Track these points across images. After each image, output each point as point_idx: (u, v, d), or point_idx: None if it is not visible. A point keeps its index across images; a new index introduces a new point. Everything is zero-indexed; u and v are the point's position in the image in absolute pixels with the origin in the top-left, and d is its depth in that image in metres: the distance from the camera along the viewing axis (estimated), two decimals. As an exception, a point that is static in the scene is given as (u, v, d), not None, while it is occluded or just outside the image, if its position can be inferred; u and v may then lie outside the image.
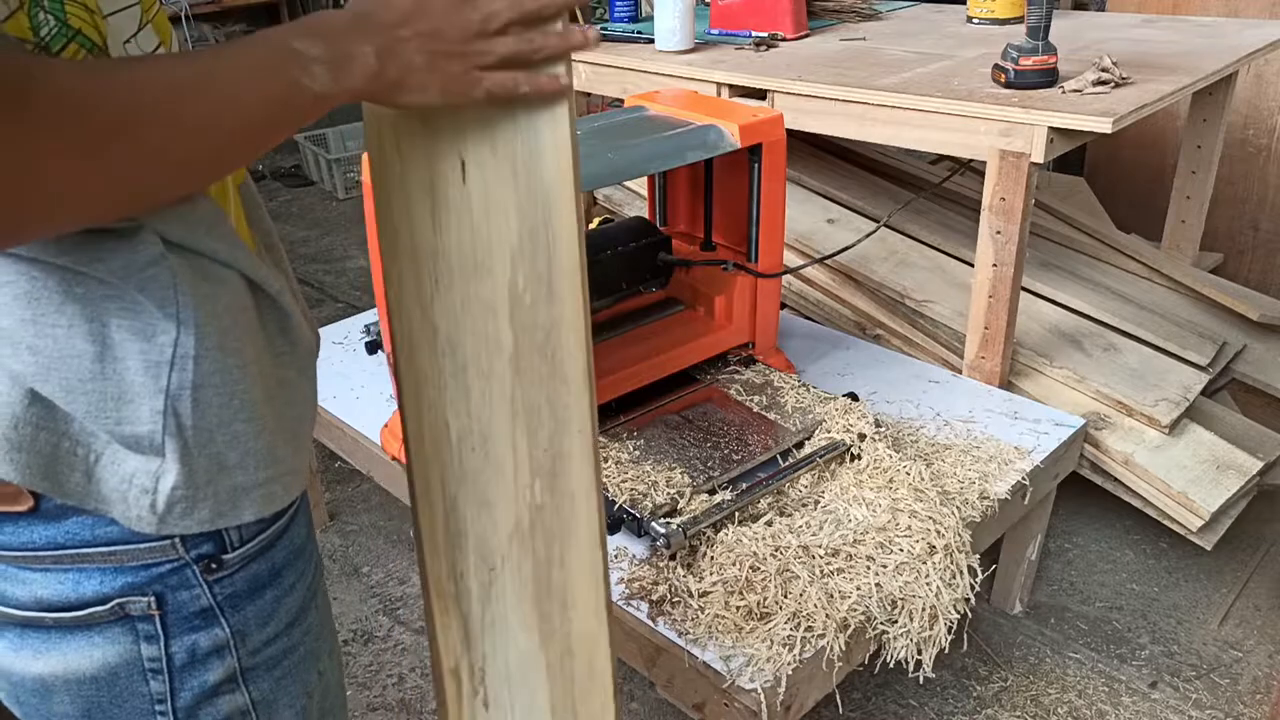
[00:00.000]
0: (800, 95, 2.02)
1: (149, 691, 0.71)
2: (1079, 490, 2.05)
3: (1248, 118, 2.95)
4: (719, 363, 1.86)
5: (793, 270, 2.07)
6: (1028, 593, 1.99)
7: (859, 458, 1.57)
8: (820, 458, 1.55)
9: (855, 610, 1.31)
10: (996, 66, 1.87)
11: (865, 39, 2.40)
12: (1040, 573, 2.05)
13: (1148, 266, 2.38)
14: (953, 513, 1.45)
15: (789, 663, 1.25)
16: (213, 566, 0.70)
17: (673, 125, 1.66)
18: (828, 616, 1.29)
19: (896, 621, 1.35)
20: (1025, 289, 2.08)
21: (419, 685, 1.87)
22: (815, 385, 1.79)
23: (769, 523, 1.44)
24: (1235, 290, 2.37)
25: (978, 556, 1.45)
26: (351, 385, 2.02)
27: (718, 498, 1.47)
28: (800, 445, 1.60)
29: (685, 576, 1.38)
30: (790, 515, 1.48)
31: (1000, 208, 1.78)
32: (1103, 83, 1.78)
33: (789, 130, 1.79)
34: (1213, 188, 2.50)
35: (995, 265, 1.83)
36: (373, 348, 2.03)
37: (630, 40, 2.51)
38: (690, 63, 2.26)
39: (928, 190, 2.51)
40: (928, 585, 1.36)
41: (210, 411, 0.65)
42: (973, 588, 1.40)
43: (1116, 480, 1.90)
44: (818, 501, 1.51)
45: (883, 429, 1.64)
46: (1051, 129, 1.69)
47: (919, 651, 1.35)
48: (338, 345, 2.17)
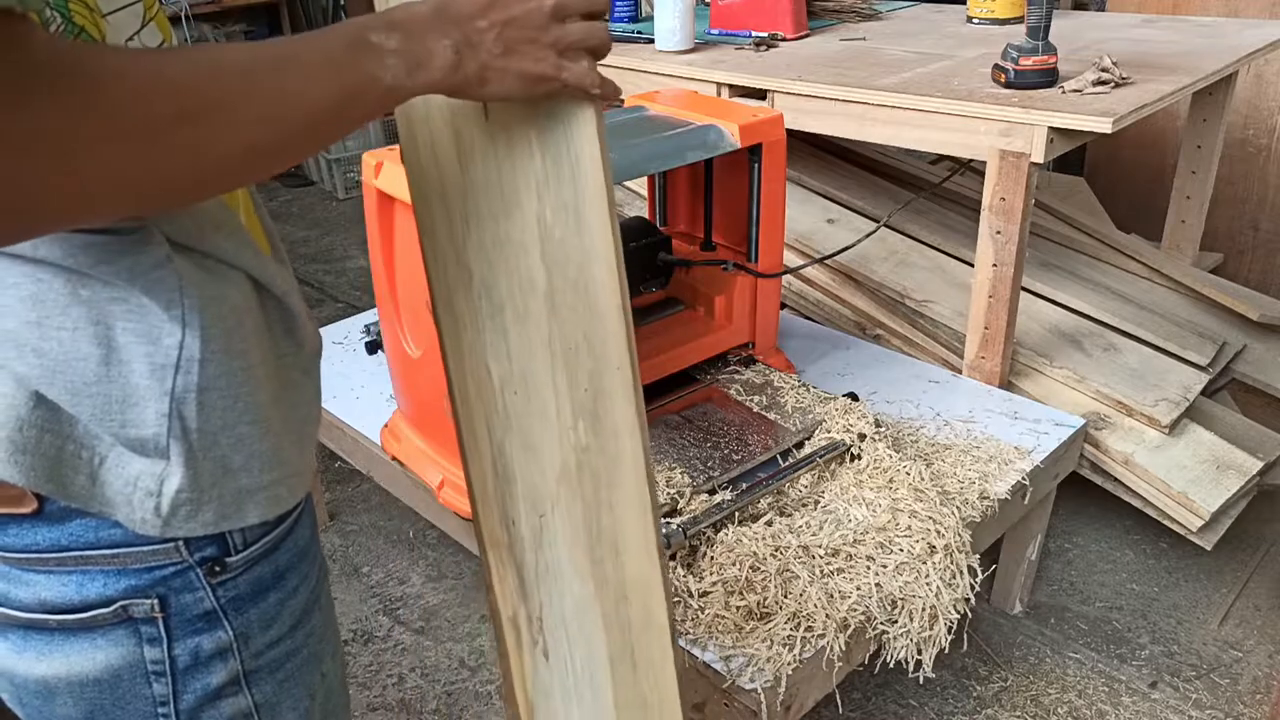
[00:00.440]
0: (800, 95, 2.02)
1: (152, 694, 0.71)
2: (1079, 490, 2.05)
3: (1248, 118, 2.95)
4: (719, 363, 1.86)
5: (793, 270, 2.07)
6: (1028, 593, 1.99)
7: (859, 458, 1.57)
8: (820, 458, 1.55)
9: (855, 610, 1.32)
10: (996, 66, 1.87)
11: (865, 39, 2.40)
12: (1040, 573, 2.05)
13: (1148, 266, 2.38)
14: (953, 513, 1.45)
15: (789, 663, 1.25)
16: (216, 569, 0.70)
17: (673, 125, 1.66)
18: (828, 616, 1.30)
19: (896, 621, 1.35)
20: (1025, 289, 2.08)
21: (419, 685, 1.87)
22: (815, 385, 1.79)
23: (769, 523, 1.44)
24: (1235, 290, 2.37)
25: (978, 556, 1.45)
26: (351, 385, 2.02)
27: (718, 498, 1.47)
28: (800, 445, 1.61)
29: (685, 576, 1.38)
30: (790, 515, 1.48)
31: (1000, 208, 1.78)
32: (1103, 83, 1.78)
33: (789, 130, 1.79)
34: (1213, 188, 2.50)
35: (995, 265, 1.83)
36: (373, 348, 2.03)
37: (630, 40, 2.51)
38: (690, 63, 2.26)
39: (928, 190, 2.51)
40: (928, 585, 1.36)
41: (215, 414, 0.65)
42: (973, 588, 1.40)
43: (1116, 480, 1.90)
44: (818, 501, 1.51)
45: (883, 429, 1.64)
46: (1051, 129, 1.69)
47: (919, 651, 1.36)
48: (338, 345, 2.18)
